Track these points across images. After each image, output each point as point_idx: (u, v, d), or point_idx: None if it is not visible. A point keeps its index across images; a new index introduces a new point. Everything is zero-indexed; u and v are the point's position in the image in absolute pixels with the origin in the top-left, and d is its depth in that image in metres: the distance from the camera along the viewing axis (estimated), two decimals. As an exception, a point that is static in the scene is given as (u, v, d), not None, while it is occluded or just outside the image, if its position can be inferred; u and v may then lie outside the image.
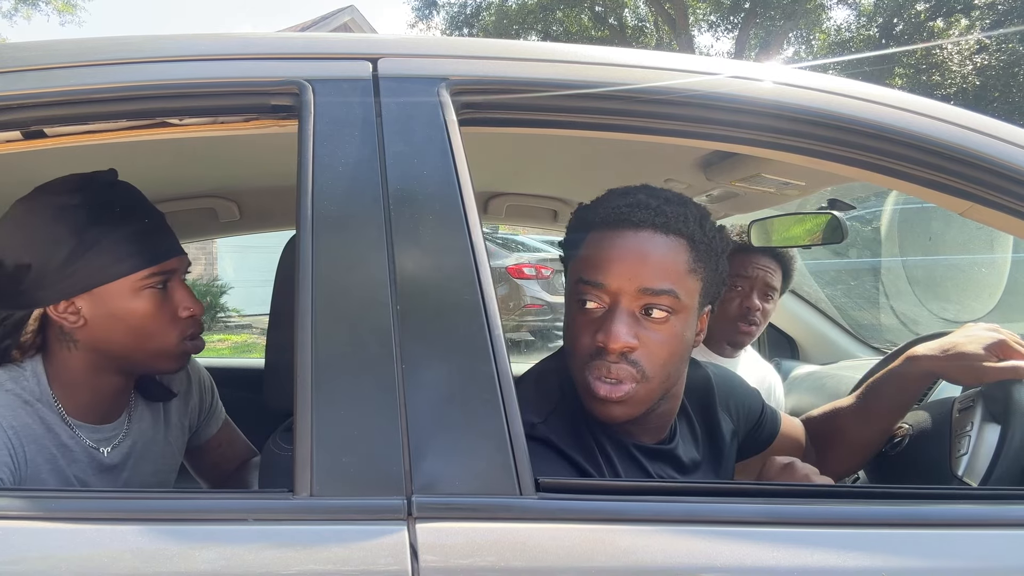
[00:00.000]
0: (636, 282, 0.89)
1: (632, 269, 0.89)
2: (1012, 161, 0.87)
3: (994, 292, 3.92)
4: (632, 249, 0.90)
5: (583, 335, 0.92)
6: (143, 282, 1.06)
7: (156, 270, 1.07)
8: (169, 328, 1.09)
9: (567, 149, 1.52)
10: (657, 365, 0.90)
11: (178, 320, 1.10)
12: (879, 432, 1.20)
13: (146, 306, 1.06)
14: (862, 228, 5.43)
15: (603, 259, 0.91)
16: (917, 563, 0.74)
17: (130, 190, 1.11)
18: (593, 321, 0.91)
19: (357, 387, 0.75)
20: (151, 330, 1.08)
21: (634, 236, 0.90)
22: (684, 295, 0.90)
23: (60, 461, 1.06)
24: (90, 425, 1.11)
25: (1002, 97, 12.58)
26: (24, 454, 1.03)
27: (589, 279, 0.91)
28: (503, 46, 0.94)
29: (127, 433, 1.16)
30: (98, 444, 1.11)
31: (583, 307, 0.92)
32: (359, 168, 0.81)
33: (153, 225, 1.10)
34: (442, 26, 16.93)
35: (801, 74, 0.93)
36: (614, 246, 0.91)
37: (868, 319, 4.89)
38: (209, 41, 0.90)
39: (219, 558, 0.69)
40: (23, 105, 0.84)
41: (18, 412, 1.04)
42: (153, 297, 1.07)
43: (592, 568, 0.70)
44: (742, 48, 14.99)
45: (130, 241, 1.05)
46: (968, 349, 1.09)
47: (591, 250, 0.93)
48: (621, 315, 0.89)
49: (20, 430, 1.03)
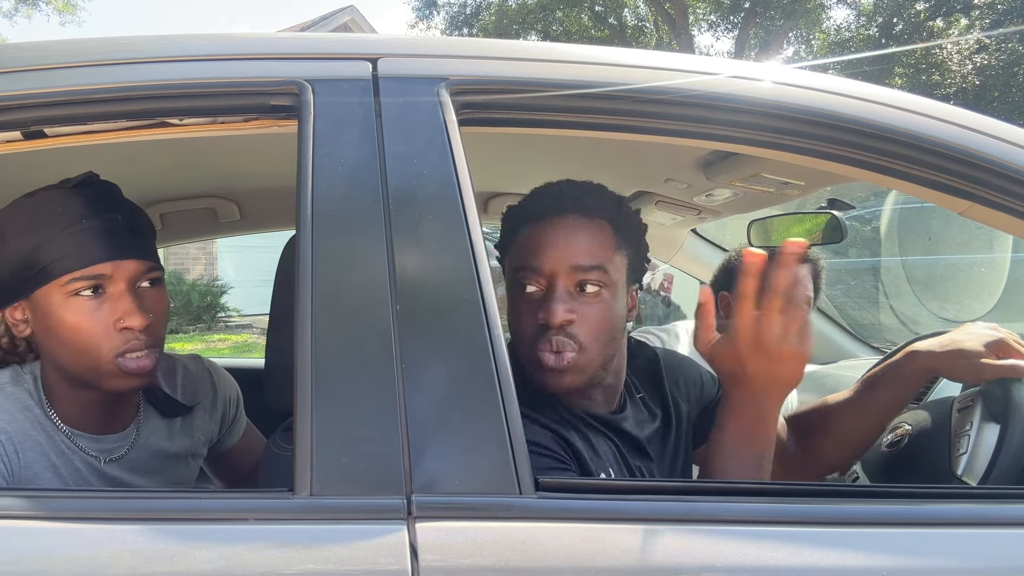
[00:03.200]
0: (568, 262, 0.99)
1: (563, 251, 1.00)
2: (1012, 161, 0.88)
3: (994, 292, 3.92)
4: (561, 234, 1.01)
5: (527, 317, 1.01)
6: (68, 287, 0.97)
7: (79, 275, 0.97)
8: (101, 341, 0.98)
9: (567, 149, 1.53)
10: (592, 336, 1.00)
11: (111, 333, 0.99)
12: (873, 427, 1.20)
13: (73, 315, 0.98)
14: (861, 228, 5.43)
15: (537, 247, 1.01)
16: (917, 563, 0.74)
17: (96, 192, 1.03)
18: (534, 303, 1.01)
19: (357, 387, 0.75)
20: (80, 342, 0.98)
21: (562, 222, 1.01)
22: (612, 271, 1.01)
23: (61, 469, 1.03)
24: (89, 435, 1.07)
25: (1002, 97, 12.58)
26: (19, 460, 1.00)
27: (527, 265, 1.01)
28: (503, 46, 0.94)
29: (133, 445, 1.11)
30: (98, 455, 1.07)
31: (524, 292, 1.02)
32: (359, 168, 0.81)
33: (90, 229, 0.99)
34: (442, 26, 16.93)
35: (801, 74, 0.93)
36: (545, 233, 1.01)
37: (868, 319, 4.90)
38: (209, 41, 0.90)
39: (219, 558, 0.69)
40: (23, 105, 0.83)
41: (15, 416, 1.01)
42: (82, 305, 0.98)
43: (592, 568, 0.70)
44: (742, 48, 14.99)
45: (64, 244, 0.97)
46: (968, 346, 1.09)
47: (526, 241, 1.03)
48: (559, 293, 0.99)
49: (15, 435, 1.00)
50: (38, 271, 0.98)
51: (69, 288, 0.97)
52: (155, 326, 1.03)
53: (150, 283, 1.04)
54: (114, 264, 0.99)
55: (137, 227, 1.05)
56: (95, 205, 1.01)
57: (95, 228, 0.99)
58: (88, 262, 0.97)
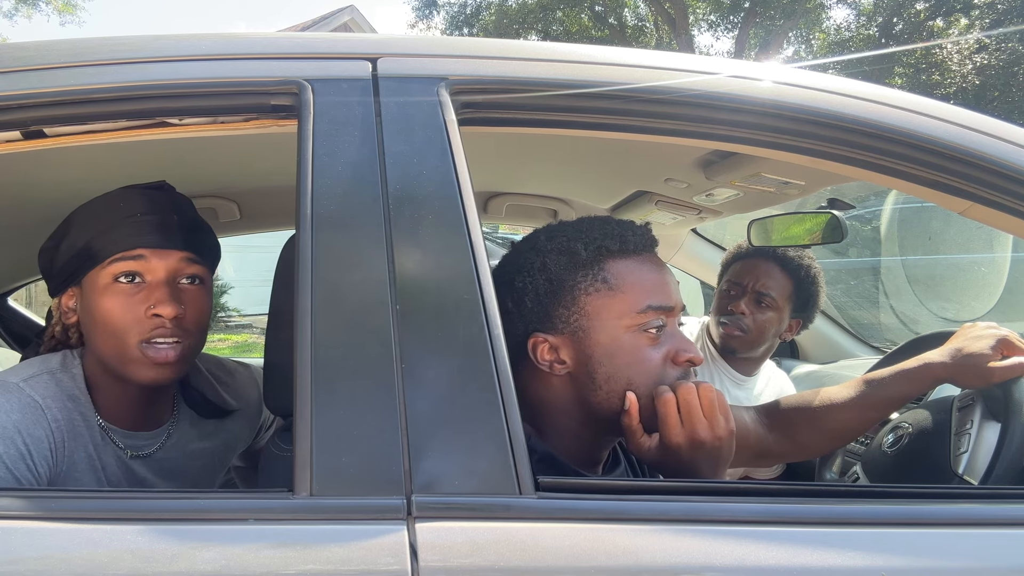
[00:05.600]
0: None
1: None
2: (1012, 160, 0.87)
3: (994, 291, 3.93)
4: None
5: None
6: (110, 270, 1.01)
7: (119, 256, 1.00)
8: (130, 326, 1.00)
9: (567, 149, 1.52)
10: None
11: (141, 320, 1.01)
12: (864, 421, 1.21)
13: (111, 300, 1.00)
14: (862, 227, 5.43)
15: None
16: (917, 563, 0.74)
17: (160, 195, 1.07)
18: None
19: (357, 387, 0.75)
20: (112, 326, 1.01)
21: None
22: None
23: (96, 461, 1.04)
24: (122, 430, 1.07)
25: (1002, 96, 12.58)
26: (64, 449, 1.01)
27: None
28: (503, 46, 0.94)
29: (163, 445, 1.12)
30: (127, 450, 1.08)
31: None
32: (359, 168, 0.81)
33: (148, 221, 1.03)
34: (442, 26, 16.93)
35: (801, 73, 0.93)
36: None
37: (868, 318, 4.90)
38: (208, 41, 0.90)
39: (219, 558, 0.69)
40: (23, 105, 0.83)
41: (65, 405, 1.02)
42: (120, 290, 1.01)
43: (592, 568, 0.70)
44: (742, 48, 14.98)
45: (116, 231, 1.01)
46: (974, 349, 1.10)
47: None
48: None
49: (64, 424, 1.01)
50: (88, 256, 1.02)
51: (111, 271, 1.01)
52: (187, 321, 1.04)
53: (191, 281, 1.06)
54: (155, 252, 1.02)
55: (192, 227, 1.08)
56: (155, 204, 1.06)
57: (148, 221, 1.03)
58: (131, 246, 1.01)
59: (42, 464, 0.97)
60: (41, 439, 0.98)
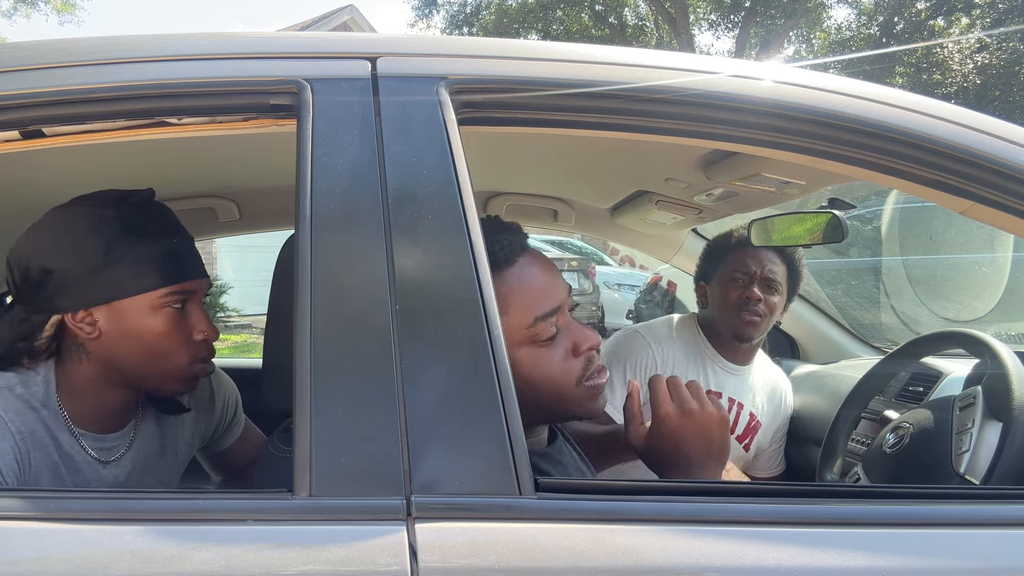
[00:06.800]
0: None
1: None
2: (1013, 160, 0.87)
3: (995, 291, 3.92)
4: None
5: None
6: (161, 300, 1.05)
7: (175, 289, 1.06)
8: (181, 349, 1.08)
9: (567, 149, 1.52)
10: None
11: (191, 343, 1.09)
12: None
13: (161, 325, 1.06)
14: (862, 227, 5.43)
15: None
16: (918, 563, 0.74)
17: (163, 210, 1.11)
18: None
19: (356, 387, 0.74)
20: (162, 350, 1.07)
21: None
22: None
23: (62, 469, 1.06)
24: (93, 435, 1.10)
25: (1003, 96, 12.58)
26: (29, 460, 1.02)
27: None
28: (503, 45, 0.94)
29: (131, 445, 1.15)
30: (99, 454, 1.10)
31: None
32: (358, 167, 0.81)
33: (179, 246, 1.10)
34: (442, 25, 16.93)
35: (801, 73, 0.93)
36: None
37: (869, 318, 4.89)
38: (207, 40, 0.90)
39: (218, 558, 0.69)
40: (21, 105, 0.83)
41: (27, 417, 1.04)
42: (169, 317, 1.06)
43: (592, 568, 0.70)
44: (742, 47, 14.98)
45: (154, 259, 1.05)
46: None
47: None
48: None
49: (28, 436, 1.03)
50: (132, 281, 1.04)
51: (162, 302, 1.05)
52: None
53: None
54: (200, 282, 1.11)
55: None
56: (172, 223, 1.11)
57: (184, 247, 1.10)
58: (182, 278, 1.07)
59: (10, 475, 0.99)
60: (7, 451, 1.00)
